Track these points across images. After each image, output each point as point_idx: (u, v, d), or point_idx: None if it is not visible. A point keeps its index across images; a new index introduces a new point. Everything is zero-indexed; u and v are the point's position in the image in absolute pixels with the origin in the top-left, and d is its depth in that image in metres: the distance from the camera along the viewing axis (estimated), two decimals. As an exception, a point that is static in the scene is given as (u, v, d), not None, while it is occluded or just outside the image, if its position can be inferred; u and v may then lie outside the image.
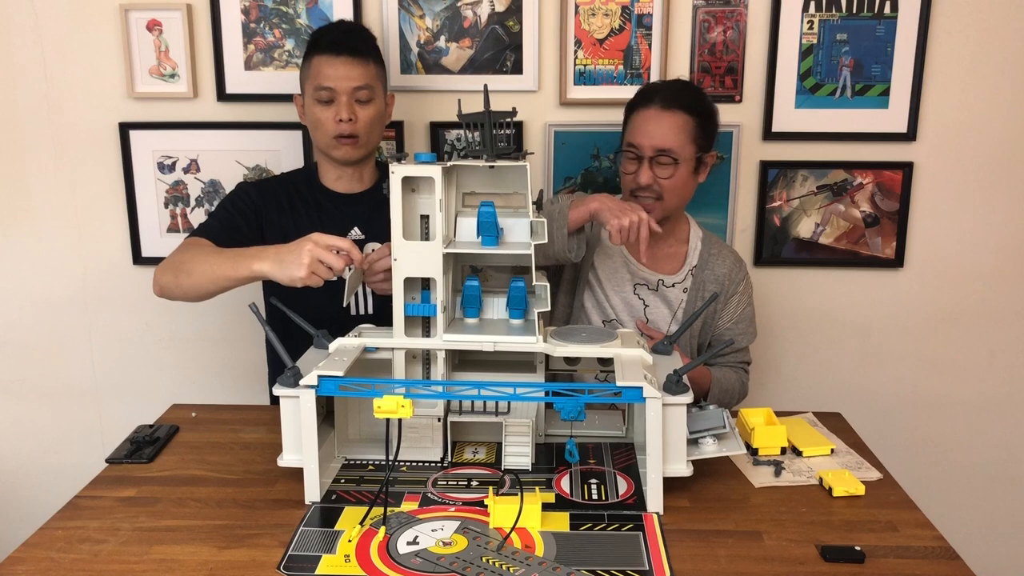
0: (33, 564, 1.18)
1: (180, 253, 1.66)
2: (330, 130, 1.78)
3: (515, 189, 1.48)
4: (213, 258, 1.58)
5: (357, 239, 1.86)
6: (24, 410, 2.32)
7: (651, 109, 1.77)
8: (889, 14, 2.03)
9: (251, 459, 1.50)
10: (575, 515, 1.28)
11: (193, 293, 1.62)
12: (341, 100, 1.77)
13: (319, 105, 1.78)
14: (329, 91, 1.77)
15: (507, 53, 2.08)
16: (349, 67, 1.76)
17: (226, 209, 1.83)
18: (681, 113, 1.75)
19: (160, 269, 1.67)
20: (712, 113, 1.81)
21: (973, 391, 2.25)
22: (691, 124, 1.76)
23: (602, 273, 1.87)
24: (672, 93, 1.78)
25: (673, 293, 1.86)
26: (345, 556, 1.17)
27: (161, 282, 1.66)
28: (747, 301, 1.91)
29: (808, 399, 2.23)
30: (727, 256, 1.90)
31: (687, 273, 1.87)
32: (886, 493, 1.37)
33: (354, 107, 1.78)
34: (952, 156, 2.11)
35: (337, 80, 1.76)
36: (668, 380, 1.32)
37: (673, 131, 1.75)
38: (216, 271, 1.55)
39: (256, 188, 1.87)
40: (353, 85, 1.77)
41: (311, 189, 1.89)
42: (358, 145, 1.81)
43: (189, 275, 1.60)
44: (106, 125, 2.14)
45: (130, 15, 2.06)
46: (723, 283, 1.87)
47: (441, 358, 1.44)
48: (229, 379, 2.27)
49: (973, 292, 2.20)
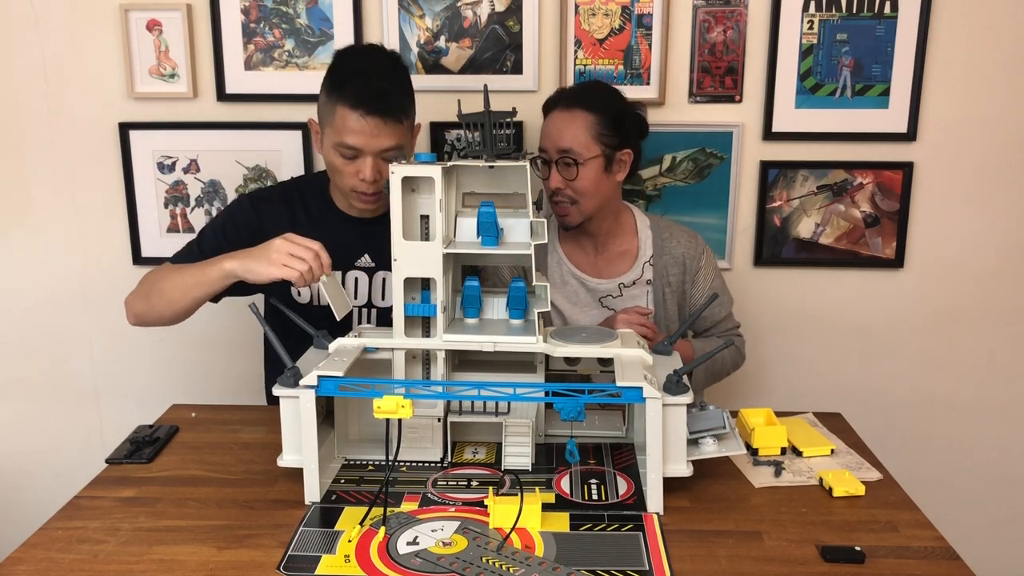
0: (33, 564, 1.18)
1: (149, 278, 1.65)
2: (350, 183, 1.64)
3: (515, 189, 1.48)
4: (183, 271, 1.56)
5: (367, 267, 1.76)
6: (24, 410, 2.32)
7: (555, 111, 1.75)
8: (889, 14, 2.03)
9: (251, 459, 1.50)
10: (575, 515, 1.28)
11: (169, 311, 1.60)
12: (366, 160, 1.60)
13: (340, 157, 1.62)
14: (354, 150, 1.60)
15: (507, 53, 2.08)
16: (379, 128, 1.58)
17: (215, 233, 1.72)
18: (581, 112, 1.71)
19: (131, 297, 1.65)
20: (621, 109, 1.75)
21: (973, 391, 2.25)
22: (592, 122, 1.71)
23: (562, 303, 1.85)
24: (575, 93, 1.76)
25: (638, 290, 1.84)
26: (345, 556, 1.17)
27: (135, 309, 1.64)
28: (714, 272, 1.89)
29: (808, 399, 2.23)
30: (680, 235, 1.87)
31: (644, 265, 1.84)
32: (886, 493, 1.37)
33: (379, 165, 1.61)
34: (952, 156, 2.11)
35: (365, 141, 1.58)
36: (668, 380, 1.32)
37: (573, 132, 1.71)
38: (187, 280, 1.54)
39: (253, 202, 1.76)
40: (382, 148, 1.60)
41: (320, 204, 1.77)
42: (379, 199, 1.66)
43: (160, 294, 1.58)
44: (106, 125, 2.14)
45: (130, 15, 2.06)
46: (684, 263, 1.85)
47: (441, 358, 1.44)
48: (229, 379, 2.27)
49: (973, 292, 2.19)
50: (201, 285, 1.53)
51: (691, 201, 2.14)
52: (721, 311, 1.89)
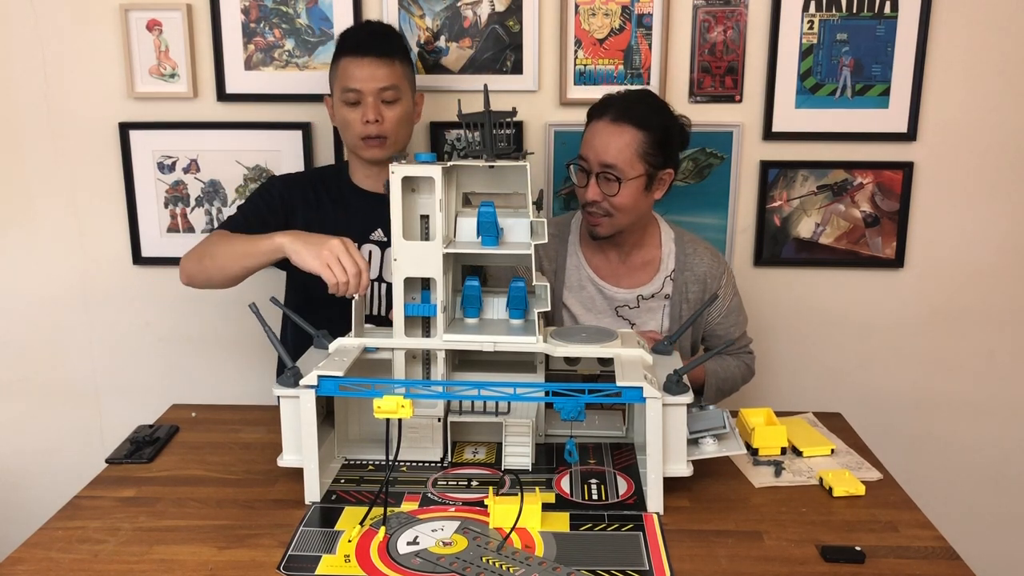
0: (33, 564, 1.18)
1: (205, 242, 1.73)
2: (357, 131, 1.79)
3: (515, 189, 1.48)
4: (237, 239, 1.66)
5: (380, 241, 1.86)
6: (24, 410, 2.32)
7: (602, 122, 1.70)
8: (889, 14, 2.03)
9: (251, 459, 1.50)
10: (575, 515, 1.28)
11: (219, 275, 1.67)
12: (368, 101, 1.77)
13: (346, 106, 1.79)
14: (356, 92, 1.77)
15: (507, 53, 2.08)
16: (374, 68, 1.76)
17: (254, 203, 1.86)
18: (630, 128, 1.67)
19: (185, 258, 1.73)
20: (669, 128, 1.72)
21: (973, 391, 2.25)
22: (640, 140, 1.67)
23: (576, 308, 1.84)
24: (626, 106, 1.69)
25: (655, 303, 1.83)
26: (345, 556, 1.17)
27: (188, 270, 1.72)
28: (732, 292, 1.88)
29: (808, 399, 2.23)
30: (703, 253, 1.85)
31: (665, 279, 1.83)
32: (886, 493, 1.38)
33: (380, 108, 1.78)
34: (952, 156, 2.11)
35: (363, 81, 1.76)
36: (668, 380, 1.32)
37: (619, 147, 1.67)
38: (239, 248, 1.62)
39: (283, 181, 1.90)
40: (379, 86, 1.76)
41: (340, 186, 1.90)
42: (385, 146, 1.81)
43: (213, 258, 1.66)
44: (106, 125, 2.14)
45: (130, 15, 2.06)
46: (705, 281, 1.83)
47: (441, 358, 1.44)
48: (229, 379, 2.27)
49: (973, 292, 2.19)
50: (252, 256, 1.60)
51: (691, 201, 2.14)
52: (736, 330, 1.89)
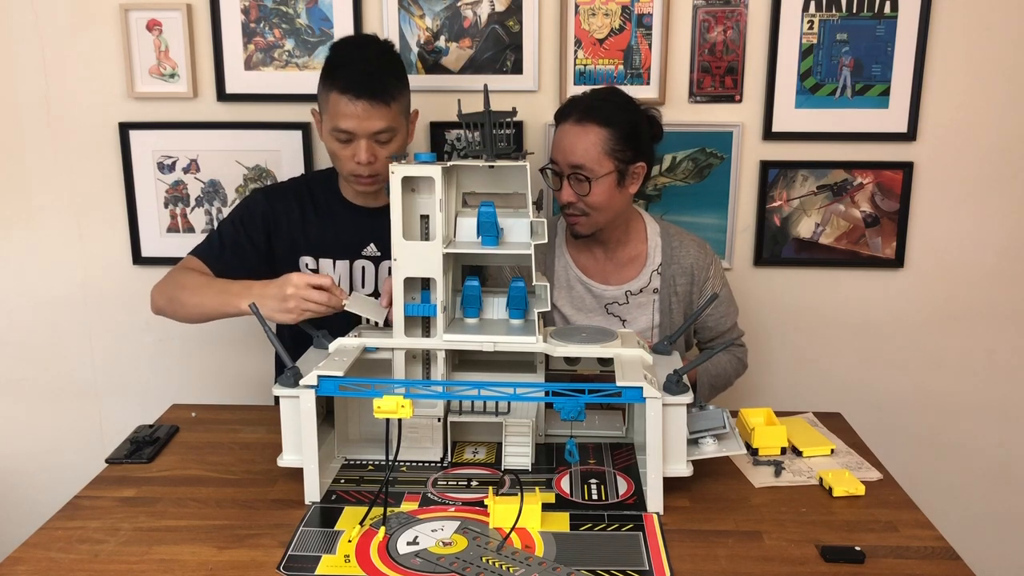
0: (33, 564, 1.18)
1: (175, 278, 1.72)
2: (348, 167, 1.71)
3: (515, 189, 1.48)
4: (203, 292, 1.65)
5: (372, 256, 1.81)
6: (24, 410, 2.32)
7: (567, 123, 1.70)
8: (889, 14, 2.03)
9: (251, 459, 1.50)
10: (575, 515, 1.28)
11: (186, 319, 1.71)
12: (360, 143, 1.66)
13: (337, 142, 1.69)
14: (347, 133, 1.66)
15: (507, 53, 2.08)
16: (368, 111, 1.64)
17: (232, 226, 1.79)
18: (595, 127, 1.67)
19: (155, 290, 1.74)
20: (636, 123, 1.71)
21: (973, 391, 2.25)
22: (606, 137, 1.67)
23: (567, 308, 1.84)
24: (589, 105, 1.69)
25: (644, 298, 1.83)
26: (345, 556, 1.17)
27: (157, 303, 1.74)
28: (721, 283, 1.87)
29: (808, 399, 2.23)
30: (689, 245, 1.85)
31: (652, 273, 1.83)
32: (886, 493, 1.38)
33: (374, 148, 1.68)
34: (952, 156, 2.11)
35: (356, 124, 1.64)
36: (668, 380, 1.32)
37: (585, 147, 1.67)
38: (206, 306, 1.64)
39: (265, 195, 1.83)
40: (373, 130, 1.65)
41: (328, 196, 1.83)
42: (377, 182, 1.72)
43: (182, 306, 1.68)
44: (106, 125, 2.14)
45: (130, 15, 2.06)
46: (692, 273, 1.83)
47: (441, 358, 1.44)
48: (229, 379, 2.27)
49: (973, 292, 2.19)
50: (218, 312, 1.62)
51: (691, 201, 2.14)
52: (726, 321, 1.89)
